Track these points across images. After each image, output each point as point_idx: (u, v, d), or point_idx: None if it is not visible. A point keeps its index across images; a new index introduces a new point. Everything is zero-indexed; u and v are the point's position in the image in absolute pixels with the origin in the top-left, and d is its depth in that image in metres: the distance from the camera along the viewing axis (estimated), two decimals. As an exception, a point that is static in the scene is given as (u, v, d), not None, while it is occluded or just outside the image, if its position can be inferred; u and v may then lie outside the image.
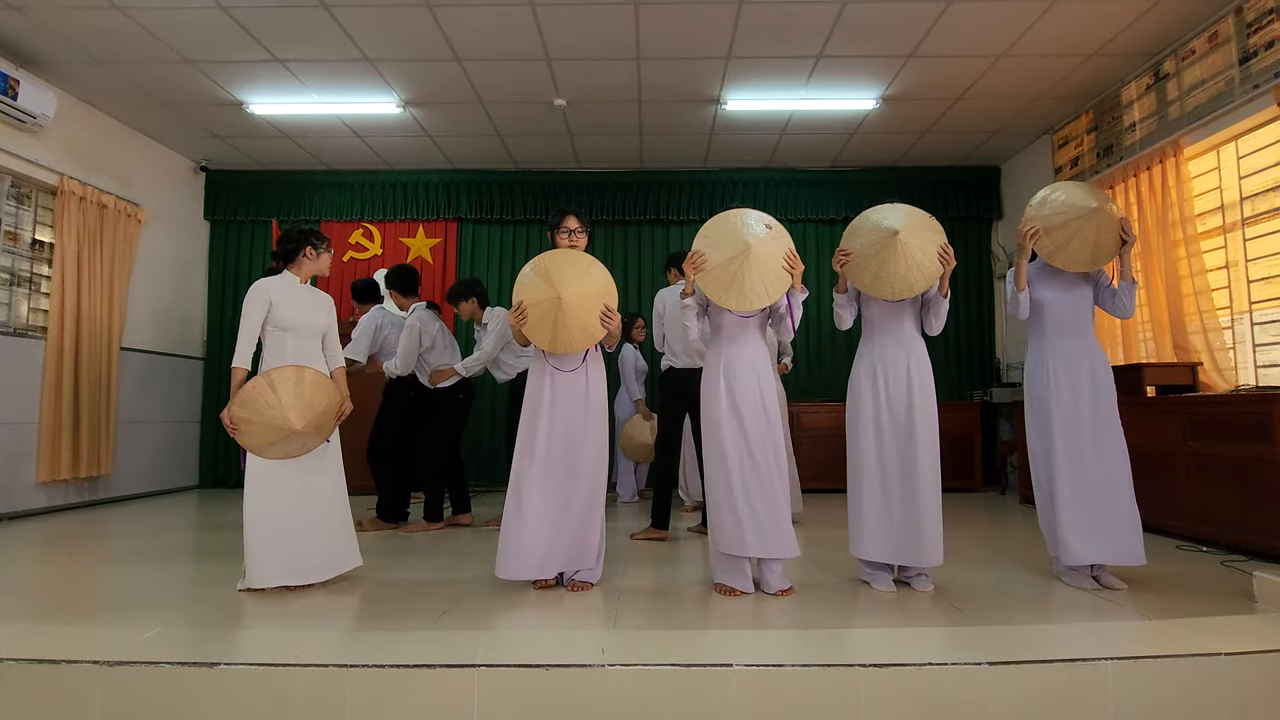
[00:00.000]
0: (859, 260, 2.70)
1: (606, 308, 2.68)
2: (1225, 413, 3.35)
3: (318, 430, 2.67)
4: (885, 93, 4.96)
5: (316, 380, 2.68)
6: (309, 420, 2.62)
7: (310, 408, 2.63)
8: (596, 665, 1.82)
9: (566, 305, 2.62)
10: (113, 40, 4.25)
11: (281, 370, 2.62)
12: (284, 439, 2.60)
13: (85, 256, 4.96)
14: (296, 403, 2.60)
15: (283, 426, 2.57)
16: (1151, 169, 4.40)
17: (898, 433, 2.67)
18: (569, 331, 2.64)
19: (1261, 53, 3.69)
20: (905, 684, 1.81)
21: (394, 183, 6.45)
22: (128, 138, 5.52)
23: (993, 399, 5.79)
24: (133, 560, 3.26)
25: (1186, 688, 1.84)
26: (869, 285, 2.69)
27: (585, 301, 2.65)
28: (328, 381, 2.73)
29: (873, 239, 2.67)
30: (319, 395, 2.67)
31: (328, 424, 2.72)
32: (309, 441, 2.66)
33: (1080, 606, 2.46)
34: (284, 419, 2.57)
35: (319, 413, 2.65)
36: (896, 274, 2.63)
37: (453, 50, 4.39)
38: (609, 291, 2.71)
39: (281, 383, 2.60)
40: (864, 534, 2.69)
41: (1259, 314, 3.92)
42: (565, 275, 2.67)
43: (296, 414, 2.59)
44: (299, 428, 2.59)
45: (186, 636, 2.12)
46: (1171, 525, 3.62)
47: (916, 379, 2.69)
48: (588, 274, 2.70)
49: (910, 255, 2.62)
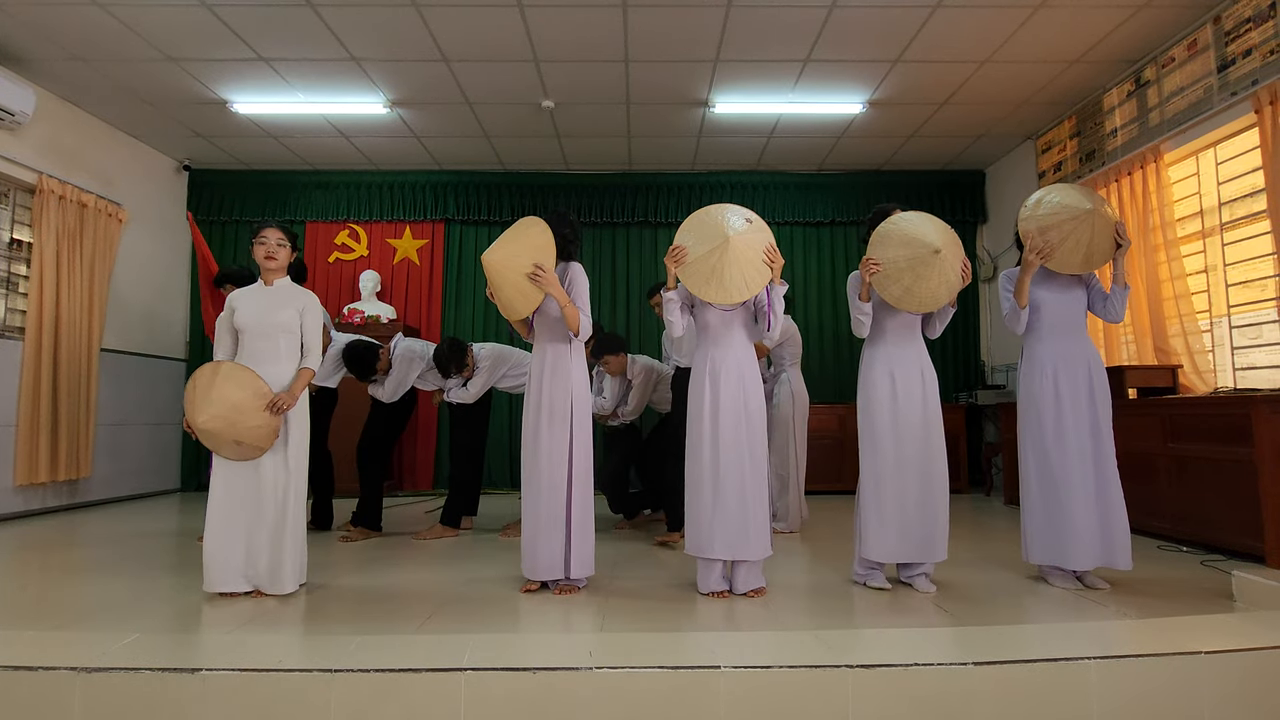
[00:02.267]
0: (891, 273, 2.67)
1: (537, 265, 2.58)
2: (1205, 414, 3.40)
3: (231, 426, 2.54)
4: (872, 97, 4.99)
5: (230, 373, 2.59)
6: (218, 415, 2.53)
7: (220, 401, 2.54)
8: (584, 668, 1.81)
9: (491, 265, 2.61)
10: (94, 37, 4.19)
11: (202, 368, 2.62)
12: (209, 439, 2.57)
13: (65, 256, 4.88)
14: (203, 398, 2.55)
15: (192, 422, 2.56)
16: (1133, 174, 4.46)
17: (913, 432, 2.70)
18: (504, 294, 2.64)
19: (1239, 60, 3.76)
20: (892, 684, 1.81)
21: (380, 183, 6.41)
22: (109, 136, 5.45)
23: (978, 401, 5.84)
24: (112, 565, 3.21)
25: (1168, 686, 1.86)
26: (898, 298, 2.68)
27: (512, 260, 2.60)
28: (245, 374, 2.60)
29: (908, 253, 2.65)
30: (229, 387, 2.56)
31: (250, 419, 2.57)
32: (242, 439, 2.56)
33: (1064, 606, 2.49)
34: (192, 416, 2.56)
35: (231, 405, 2.54)
36: (928, 290, 2.65)
37: (440, 50, 4.37)
38: (542, 250, 2.61)
39: (199, 379, 2.59)
40: (879, 535, 2.69)
41: (1237, 317, 3.99)
42: (504, 238, 2.66)
43: (202, 410, 2.54)
44: (201, 424, 2.53)
45: (167, 642, 2.09)
46: (1153, 526, 3.67)
47: (929, 379, 2.75)
48: (520, 234, 2.67)
49: (944, 273, 2.64)
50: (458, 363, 3.80)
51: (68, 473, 4.87)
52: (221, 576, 2.59)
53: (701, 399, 2.65)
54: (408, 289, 6.36)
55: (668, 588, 2.78)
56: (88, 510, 5.01)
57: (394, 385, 3.87)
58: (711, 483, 2.59)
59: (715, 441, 2.60)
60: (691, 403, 2.70)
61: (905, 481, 2.69)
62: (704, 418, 2.63)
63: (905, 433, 2.70)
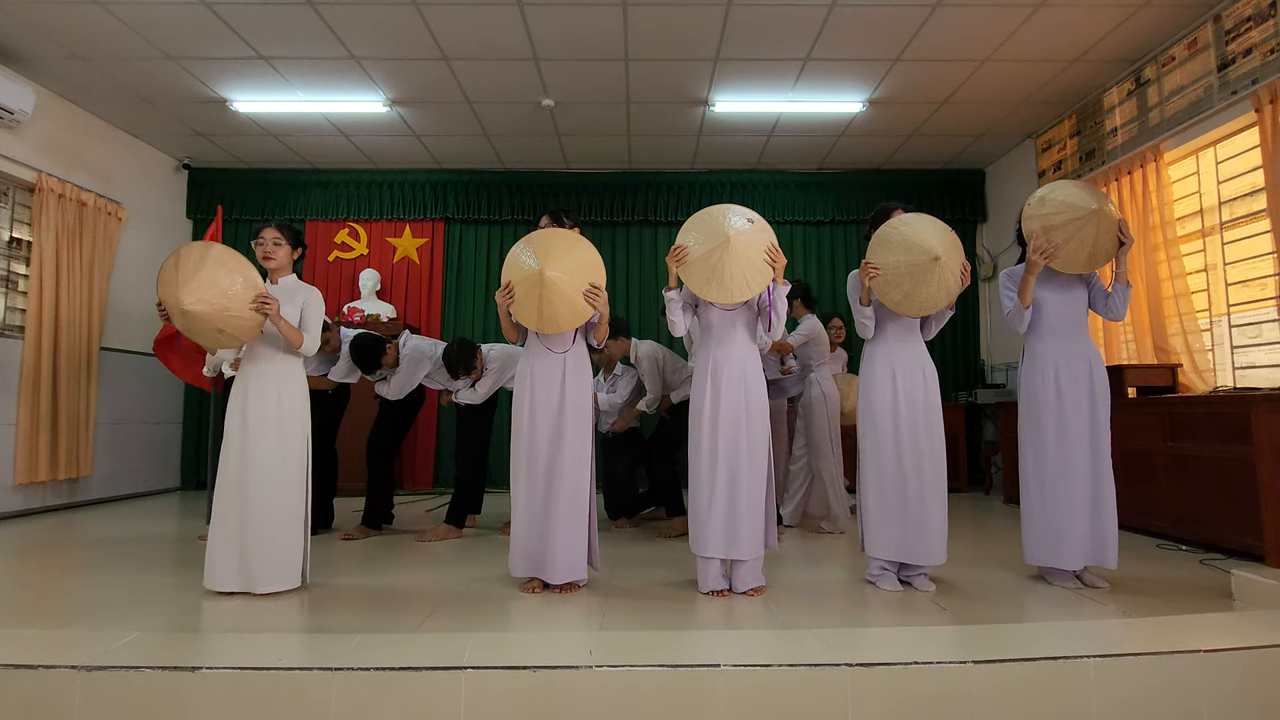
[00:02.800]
0: (890, 277, 2.67)
1: (592, 285, 2.64)
2: (1204, 413, 3.40)
3: (219, 313, 2.44)
4: (872, 96, 4.99)
5: (223, 256, 2.51)
6: (205, 300, 2.43)
7: (210, 285, 2.44)
8: (584, 666, 1.82)
9: (551, 282, 2.59)
10: (93, 35, 4.19)
11: (189, 246, 2.53)
12: (190, 322, 2.46)
13: (64, 255, 4.88)
14: (190, 278, 2.43)
15: (175, 306, 2.45)
16: (1133, 173, 4.46)
17: (915, 432, 2.69)
18: (555, 309, 2.61)
19: (1239, 59, 3.76)
20: (891, 683, 1.82)
21: (380, 182, 6.40)
22: (108, 134, 5.44)
23: (978, 400, 5.84)
24: (112, 563, 3.21)
25: (1166, 684, 1.86)
26: (897, 303, 2.68)
27: (570, 278, 2.62)
28: (237, 260, 2.53)
29: (909, 259, 2.64)
30: (221, 272, 2.46)
31: (237, 306, 2.49)
32: (225, 328, 2.46)
33: (1063, 605, 2.49)
34: (174, 295, 2.45)
35: (220, 291, 2.45)
36: (928, 295, 2.65)
37: (440, 49, 4.36)
38: (595, 268, 2.67)
39: (188, 256, 2.49)
40: (882, 533, 2.70)
41: (1237, 316, 3.99)
42: (551, 252, 2.64)
43: (189, 291, 2.42)
44: (188, 306, 2.42)
45: (167, 641, 2.09)
46: (1152, 524, 3.67)
47: (930, 379, 2.75)
48: (573, 251, 2.67)
49: (944, 279, 2.64)
50: (466, 365, 3.77)
51: (68, 471, 4.87)
52: (221, 575, 2.59)
53: (703, 398, 2.65)
54: (407, 288, 6.36)
55: (667, 586, 2.79)
56: (88, 509, 5.01)
57: (400, 383, 3.86)
58: (710, 481, 2.60)
59: (715, 440, 2.61)
60: (693, 401, 2.71)
61: (905, 479, 2.69)
62: (704, 416, 2.63)
63: (906, 431, 2.70)
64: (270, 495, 2.61)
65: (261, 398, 2.65)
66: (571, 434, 2.66)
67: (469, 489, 3.93)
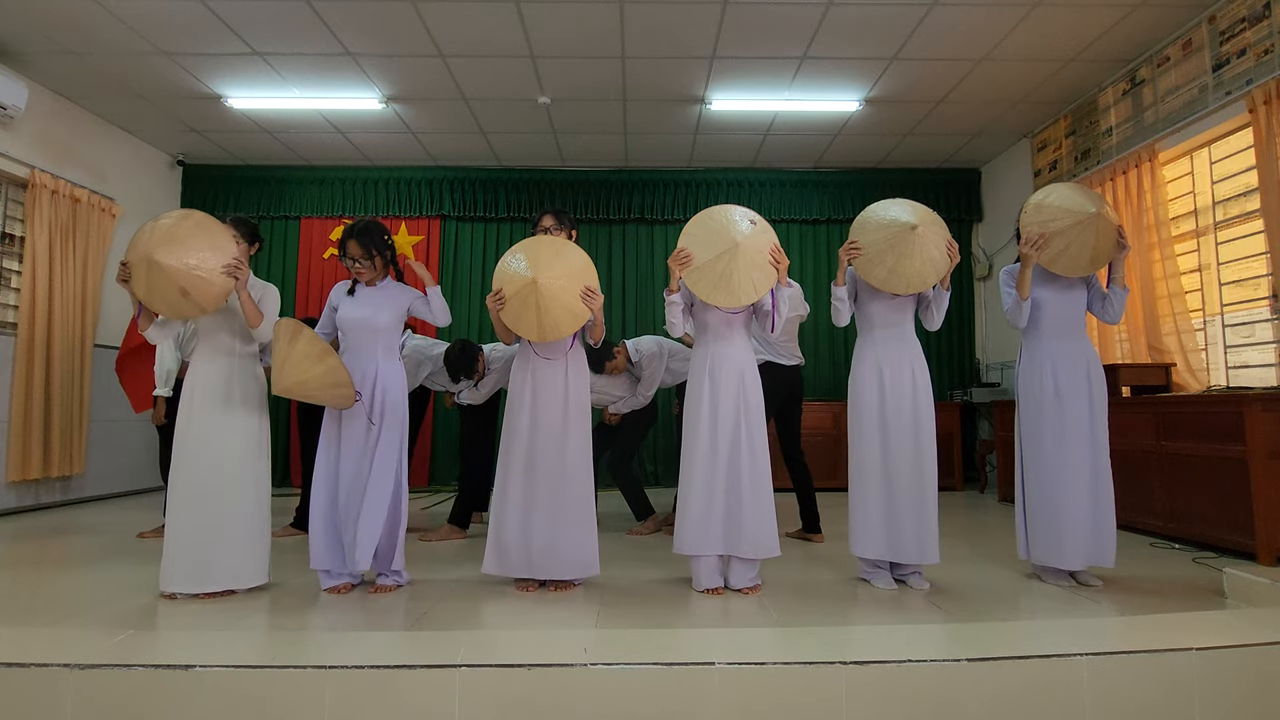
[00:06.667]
0: (872, 255, 2.67)
1: (587, 287, 2.64)
2: (1198, 413, 3.42)
3: (188, 273, 2.47)
4: (869, 95, 4.99)
5: (204, 223, 2.57)
6: (173, 254, 2.46)
7: (182, 242, 2.48)
8: (579, 665, 1.81)
9: (545, 289, 2.58)
10: (86, 31, 4.16)
11: (170, 213, 2.61)
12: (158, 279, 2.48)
13: (57, 251, 4.85)
14: (167, 238, 2.48)
15: (142, 258, 2.47)
16: (1128, 173, 4.47)
17: (902, 431, 2.67)
18: (554, 316, 2.60)
19: (1234, 60, 3.77)
20: (886, 681, 1.82)
21: (376, 179, 6.38)
22: (102, 130, 5.41)
23: (973, 399, 5.86)
24: (104, 562, 3.20)
25: (1159, 682, 1.87)
26: (883, 280, 2.66)
27: (564, 283, 2.61)
28: (219, 228, 2.60)
29: (888, 233, 2.64)
30: (200, 236, 2.52)
31: (208, 266, 2.50)
32: (191, 290, 2.47)
33: (1057, 603, 2.50)
34: (148, 249, 2.47)
35: (191, 248, 2.49)
36: (912, 268, 2.63)
37: (436, 46, 4.35)
38: (586, 270, 2.67)
39: (163, 218, 2.57)
40: (867, 532, 2.69)
41: (1230, 316, 4.01)
42: (540, 259, 2.63)
43: (168, 253, 2.46)
44: (162, 260, 2.45)
45: (160, 638, 2.08)
46: (1145, 523, 3.69)
47: (920, 377, 2.72)
48: (563, 255, 2.66)
49: (925, 249, 2.63)
50: (468, 368, 3.73)
51: (61, 469, 4.85)
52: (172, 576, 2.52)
53: (700, 396, 2.65)
54: (403, 285, 6.33)
55: (662, 585, 2.78)
56: (81, 506, 4.99)
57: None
58: (709, 479, 2.58)
59: (714, 438, 2.60)
60: (690, 399, 2.70)
61: (891, 480, 2.67)
62: (702, 415, 2.63)
63: (892, 431, 2.68)
64: (228, 491, 2.56)
65: (211, 393, 2.59)
66: (576, 431, 2.66)
67: (473, 489, 3.90)
